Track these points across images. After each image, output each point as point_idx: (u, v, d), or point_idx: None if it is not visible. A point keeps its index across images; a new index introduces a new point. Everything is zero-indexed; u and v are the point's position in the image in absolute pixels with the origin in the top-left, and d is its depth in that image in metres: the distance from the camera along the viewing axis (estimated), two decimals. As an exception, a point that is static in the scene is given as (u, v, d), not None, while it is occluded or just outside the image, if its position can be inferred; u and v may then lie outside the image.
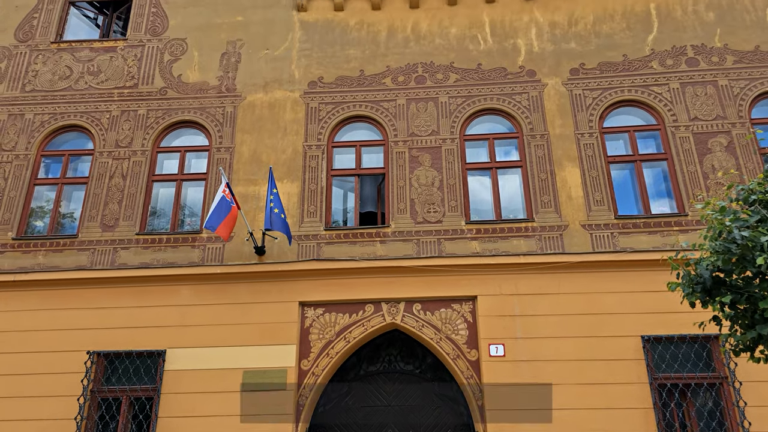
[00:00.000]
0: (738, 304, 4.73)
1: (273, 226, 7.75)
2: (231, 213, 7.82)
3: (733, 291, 4.70)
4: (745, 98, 9.01)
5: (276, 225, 7.80)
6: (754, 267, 4.47)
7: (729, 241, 4.59)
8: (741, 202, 4.85)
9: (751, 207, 4.75)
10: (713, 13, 9.62)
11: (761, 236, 4.35)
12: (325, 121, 9.42)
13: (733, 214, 4.68)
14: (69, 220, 9.25)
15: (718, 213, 4.72)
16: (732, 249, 4.55)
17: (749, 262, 4.52)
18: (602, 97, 9.26)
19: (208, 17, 10.26)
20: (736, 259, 4.61)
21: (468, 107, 9.37)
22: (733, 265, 4.63)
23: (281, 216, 7.90)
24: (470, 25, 9.93)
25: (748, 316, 4.74)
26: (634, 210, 8.73)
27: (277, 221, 7.81)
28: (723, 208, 4.75)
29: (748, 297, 4.65)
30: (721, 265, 4.62)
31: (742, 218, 4.63)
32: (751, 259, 4.48)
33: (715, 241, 4.70)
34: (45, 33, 10.29)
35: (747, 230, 4.50)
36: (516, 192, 9.03)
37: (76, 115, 9.65)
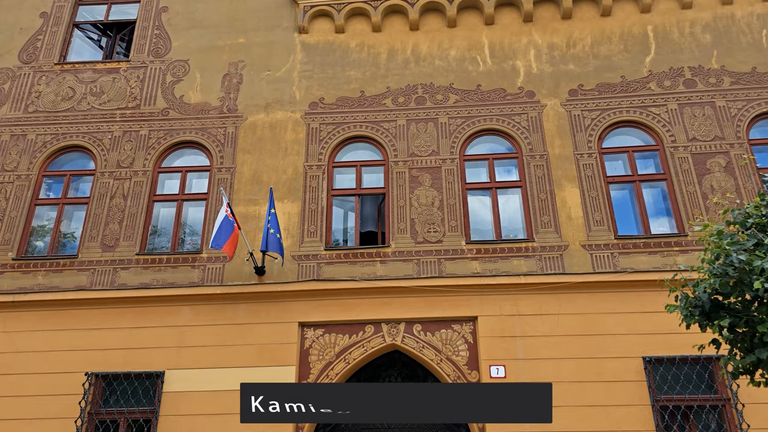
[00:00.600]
0: (737, 328, 4.72)
1: (269, 247, 7.78)
2: (234, 232, 7.86)
3: (731, 314, 4.70)
4: (743, 119, 9.08)
5: (271, 246, 7.83)
6: (752, 291, 4.48)
7: (727, 264, 4.60)
8: (738, 226, 4.87)
9: (748, 231, 4.77)
10: (710, 35, 9.73)
11: (758, 260, 4.36)
12: (325, 141, 9.48)
13: (730, 237, 4.69)
14: (69, 240, 9.27)
15: (715, 236, 4.74)
16: (730, 272, 4.56)
17: (747, 285, 4.52)
18: (601, 118, 9.32)
19: (211, 39, 10.39)
20: (734, 283, 4.61)
21: (468, 128, 9.43)
22: (731, 288, 4.63)
23: (276, 236, 7.93)
24: (469, 47, 10.04)
25: (747, 339, 4.73)
26: (634, 230, 8.74)
27: (273, 242, 7.84)
28: (720, 231, 4.77)
29: (746, 320, 4.64)
30: (719, 288, 4.63)
31: (740, 242, 4.64)
32: (749, 282, 4.49)
33: (713, 264, 4.72)
34: (49, 54, 10.42)
35: (744, 254, 4.51)
36: (516, 212, 9.05)
37: (78, 136, 9.72)
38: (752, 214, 4.85)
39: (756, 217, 4.80)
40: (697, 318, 4.83)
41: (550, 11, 10.20)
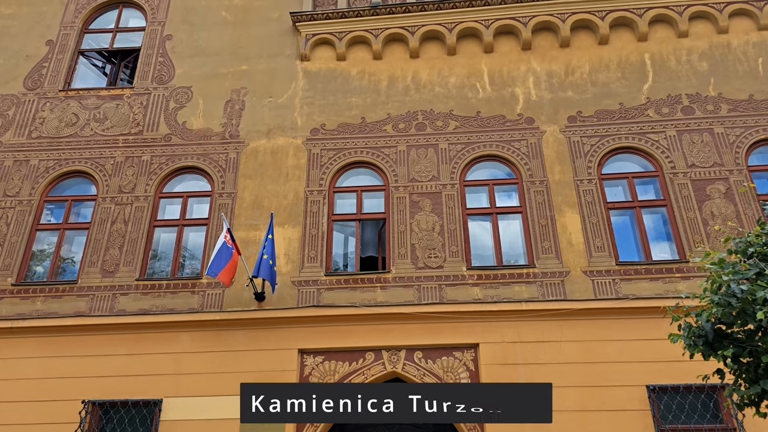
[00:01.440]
0: (741, 358, 4.68)
1: (260, 273, 7.76)
2: (232, 259, 7.84)
3: (735, 344, 4.66)
4: (741, 146, 9.14)
5: (263, 272, 7.81)
6: (755, 321, 4.45)
7: (729, 294, 4.57)
8: (739, 255, 4.86)
9: (749, 260, 4.76)
10: (706, 63, 9.86)
11: (760, 290, 4.34)
12: (326, 166, 9.53)
13: (731, 267, 4.68)
14: (69, 265, 9.25)
15: (716, 265, 4.73)
16: (732, 302, 4.53)
17: (750, 315, 4.50)
18: (600, 144, 9.39)
19: (214, 67, 10.53)
20: (737, 312, 4.58)
21: (468, 153, 9.49)
22: (734, 318, 4.60)
23: (269, 262, 7.91)
24: (469, 74, 10.17)
25: (752, 370, 4.68)
26: (635, 256, 8.72)
27: (264, 269, 7.82)
28: (722, 260, 4.76)
29: (750, 351, 4.60)
30: (722, 318, 4.60)
31: (741, 271, 4.62)
32: (752, 312, 4.46)
33: (715, 294, 4.69)
34: (54, 81, 10.55)
35: (746, 284, 4.49)
36: (517, 237, 9.05)
37: (80, 161, 9.78)
38: (753, 242, 4.84)
39: (757, 245, 4.79)
40: (700, 348, 4.79)
41: (548, 40, 10.36)
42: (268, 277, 7.94)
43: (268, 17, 10.98)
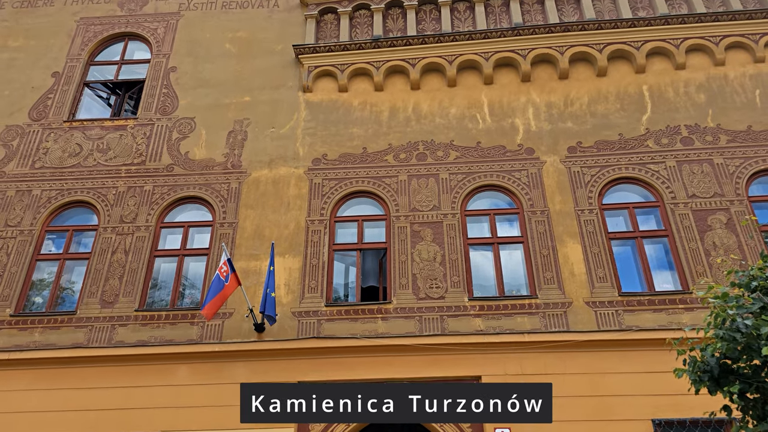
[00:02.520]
0: (747, 394, 4.59)
1: (267, 309, 7.74)
2: (222, 292, 7.76)
3: (741, 380, 4.58)
4: (741, 176, 9.17)
5: (269, 308, 7.78)
6: (761, 356, 4.38)
7: (733, 329, 4.52)
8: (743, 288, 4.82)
9: (752, 293, 4.72)
10: (704, 94, 9.97)
11: (764, 325, 4.29)
12: (328, 196, 9.56)
13: (735, 300, 4.63)
14: (69, 295, 9.19)
15: (720, 299, 4.69)
16: (737, 337, 4.48)
17: (755, 351, 4.44)
18: (600, 175, 9.42)
19: (217, 98, 10.66)
20: (742, 348, 4.52)
21: (468, 183, 9.53)
22: (740, 353, 4.54)
23: (271, 295, 7.87)
24: (469, 105, 10.28)
25: (759, 406, 4.59)
26: (638, 287, 8.67)
27: (270, 304, 7.78)
28: (725, 294, 4.72)
29: (757, 386, 4.52)
30: (727, 353, 4.54)
31: (745, 305, 4.58)
32: (757, 348, 4.40)
33: (720, 328, 4.64)
34: (58, 112, 10.67)
35: (750, 318, 4.44)
36: (518, 267, 9.01)
37: (83, 191, 9.82)
38: (757, 276, 4.80)
39: (761, 279, 4.76)
40: (706, 383, 4.71)
41: (547, 72, 10.50)
42: (270, 309, 7.88)
43: (272, 50, 11.17)
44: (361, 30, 11.31)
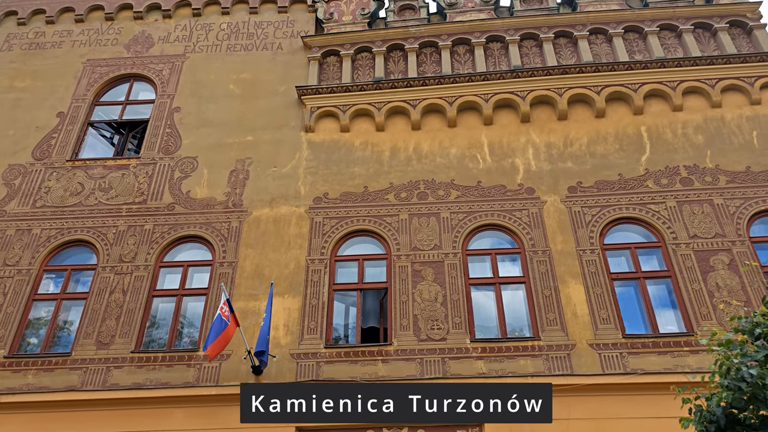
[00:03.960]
0: (755, 445, 4.48)
1: (258, 347, 7.62)
2: (225, 332, 7.66)
3: (748, 431, 4.47)
4: (742, 216, 9.16)
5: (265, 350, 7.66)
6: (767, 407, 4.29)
7: (738, 378, 4.44)
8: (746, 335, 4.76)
9: (756, 341, 4.66)
10: (702, 135, 10.06)
11: (770, 375, 4.22)
12: (329, 235, 9.53)
13: (739, 348, 4.57)
14: (65, 335, 9.06)
15: (724, 347, 4.62)
16: (742, 387, 4.40)
17: (761, 401, 4.35)
18: (601, 215, 9.42)
19: (220, 137, 10.76)
20: (748, 397, 4.43)
21: (469, 222, 9.52)
22: (746, 403, 4.45)
23: (267, 336, 7.75)
24: (469, 145, 10.37)
25: (768, 459, 4.46)
26: (642, 328, 8.55)
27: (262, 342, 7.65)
28: (729, 341, 4.67)
29: (765, 438, 4.41)
30: (733, 402, 4.45)
31: (749, 353, 4.51)
32: (763, 398, 4.32)
33: (724, 377, 4.56)
34: (62, 152, 10.75)
35: (755, 367, 4.37)
36: (521, 308, 8.91)
37: (83, 230, 9.79)
38: (760, 322, 4.75)
39: (764, 326, 4.70)
40: (713, 434, 4.59)
41: (546, 113, 10.63)
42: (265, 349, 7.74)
43: (275, 91, 11.35)
44: (363, 72, 11.52)
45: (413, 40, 11.63)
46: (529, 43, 11.52)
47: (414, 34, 11.68)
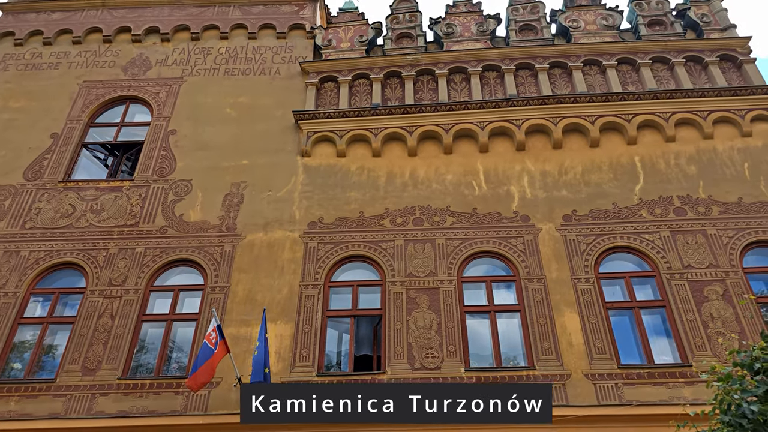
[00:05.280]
0: (760, 484, 4.39)
1: (253, 378, 7.42)
2: (209, 361, 7.46)
3: (751, 467, 4.40)
4: (735, 247, 9.20)
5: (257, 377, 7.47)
6: (769, 444, 4.23)
7: (739, 415, 4.39)
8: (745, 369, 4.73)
9: (756, 376, 4.62)
10: (695, 166, 10.16)
11: (771, 411, 4.17)
12: (323, 260, 9.45)
13: (738, 383, 4.53)
14: (50, 360, 8.82)
15: (723, 382, 4.58)
16: (743, 423, 4.34)
17: (763, 438, 4.28)
18: (596, 243, 9.43)
19: (215, 161, 10.71)
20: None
21: (465, 249, 9.48)
22: (748, 439, 4.39)
23: (265, 370, 7.54)
24: (465, 172, 10.40)
25: (774, 498, 4.37)
26: (637, 358, 8.48)
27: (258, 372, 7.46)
28: (729, 375, 4.62)
29: (770, 476, 4.33)
30: (734, 439, 4.38)
31: (749, 389, 4.47)
32: (764, 435, 4.25)
33: (725, 413, 4.50)
34: (54, 173, 10.63)
35: (756, 403, 4.32)
36: (515, 336, 8.83)
37: (72, 253, 9.63)
38: (759, 357, 4.72)
39: (763, 360, 4.67)
40: (716, 473, 4.51)
41: (541, 141, 10.72)
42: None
43: (272, 115, 11.36)
44: (360, 98, 11.59)
45: (410, 67, 11.75)
46: (525, 73, 11.68)
47: (411, 62, 11.81)
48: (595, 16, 12.38)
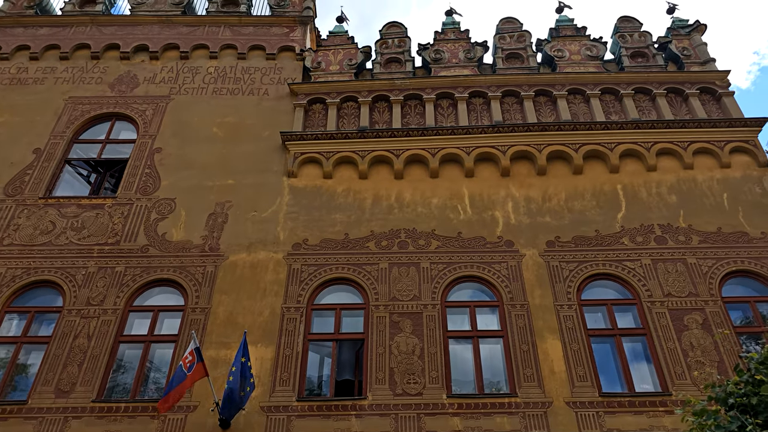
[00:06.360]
0: None
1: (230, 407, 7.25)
2: (183, 383, 7.28)
3: (727, 502, 4.41)
4: (714, 276, 9.31)
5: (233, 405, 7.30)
6: (742, 478, 4.25)
7: None
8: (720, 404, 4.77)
9: (730, 411, 4.65)
10: (675, 195, 10.33)
11: (744, 446, 4.19)
12: (306, 282, 9.38)
13: (712, 418, 4.56)
14: (23, 381, 8.57)
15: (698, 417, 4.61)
16: None
17: (736, 473, 4.31)
18: (578, 270, 9.49)
19: (200, 179, 10.64)
20: (723, 469, 4.40)
21: (449, 273, 9.48)
22: (722, 474, 4.41)
23: (240, 394, 7.34)
24: (451, 196, 10.45)
25: None
26: (618, 386, 8.49)
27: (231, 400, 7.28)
28: (704, 409, 4.66)
29: None
30: (709, 474, 4.41)
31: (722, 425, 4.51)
32: (738, 470, 4.28)
33: None
34: (35, 189, 10.47)
35: None
36: (498, 363, 8.80)
37: (50, 271, 9.44)
38: (734, 392, 4.76)
39: (737, 396, 4.71)
40: (694, 508, 4.51)
41: (525, 167, 10.83)
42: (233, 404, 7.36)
43: (259, 135, 11.36)
44: (348, 120, 11.66)
45: (398, 91, 11.88)
46: (511, 100, 11.85)
47: (399, 86, 11.94)
48: (580, 47, 12.66)
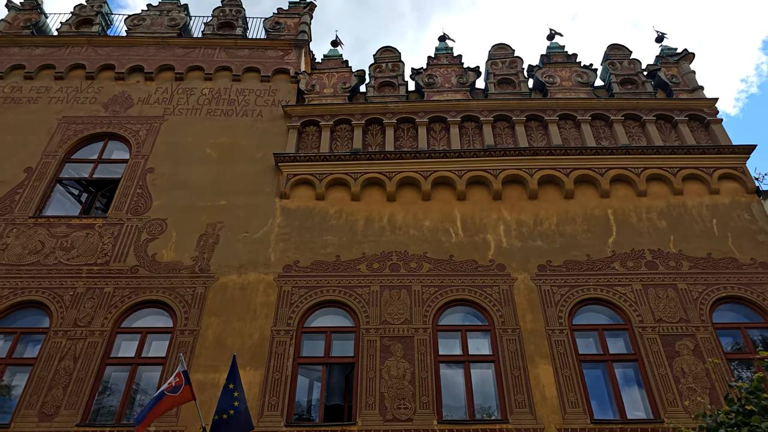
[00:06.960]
0: None
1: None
2: (161, 404, 7.09)
3: None
4: (705, 302, 9.33)
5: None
6: None
7: None
8: None
9: None
10: (665, 221, 10.39)
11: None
12: (296, 305, 9.31)
13: None
14: (6, 404, 8.39)
15: None
16: None
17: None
18: (570, 294, 9.48)
19: (192, 200, 10.61)
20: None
21: (440, 297, 9.45)
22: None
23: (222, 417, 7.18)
24: (443, 219, 10.48)
25: None
26: (609, 413, 8.43)
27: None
28: None
29: None
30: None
31: None
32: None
33: None
34: (25, 208, 10.41)
35: None
36: (489, 388, 8.72)
37: (38, 291, 9.33)
38: (724, 422, 4.76)
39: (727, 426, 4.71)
40: None
41: (517, 191, 10.90)
42: None
43: (252, 156, 11.39)
44: (341, 143, 11.73)
45: (391, 115, 11.98)
46: (502, 124, 11.98)
47: (392, 110, 12.05)
48: (571, 73, 12.86)
